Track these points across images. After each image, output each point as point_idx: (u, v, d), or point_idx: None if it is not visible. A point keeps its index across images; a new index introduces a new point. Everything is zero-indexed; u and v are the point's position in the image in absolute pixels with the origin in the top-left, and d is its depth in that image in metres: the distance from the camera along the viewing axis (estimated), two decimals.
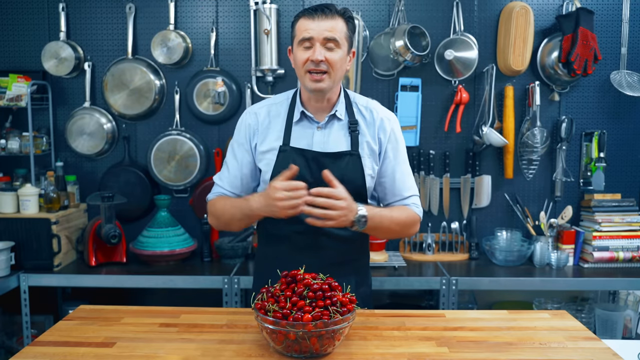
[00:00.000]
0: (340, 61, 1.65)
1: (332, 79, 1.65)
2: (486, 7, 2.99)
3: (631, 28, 2.98)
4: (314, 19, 1.62)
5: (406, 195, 1.77)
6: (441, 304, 2.62)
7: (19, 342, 2.92)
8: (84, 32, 3.07)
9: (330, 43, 1.62)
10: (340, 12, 1.66)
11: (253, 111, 1.80)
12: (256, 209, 1.62)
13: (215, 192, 1.82)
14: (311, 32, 1.62)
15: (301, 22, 1.65)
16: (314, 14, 1.63)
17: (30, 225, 2.71)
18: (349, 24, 1.68)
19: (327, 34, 1.61)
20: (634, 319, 2.85)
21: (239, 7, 3.02)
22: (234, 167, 1.78)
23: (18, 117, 3.07)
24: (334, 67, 1.64)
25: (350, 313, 1.34)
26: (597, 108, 3.04)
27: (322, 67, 1.62)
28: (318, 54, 1.61)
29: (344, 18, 1.66)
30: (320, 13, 1.62)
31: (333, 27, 1.62)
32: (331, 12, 1.63)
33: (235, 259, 2.86)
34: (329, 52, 1.62)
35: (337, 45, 1.63)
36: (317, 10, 1.63)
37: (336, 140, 1.72)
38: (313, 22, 1.62)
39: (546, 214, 2.94)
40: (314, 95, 1.69)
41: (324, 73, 1.63)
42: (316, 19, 1.62)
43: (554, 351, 1.41)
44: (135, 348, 1.41)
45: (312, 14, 1.63)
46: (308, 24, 1.63)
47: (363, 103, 1.78)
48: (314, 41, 1.62)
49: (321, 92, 1.67)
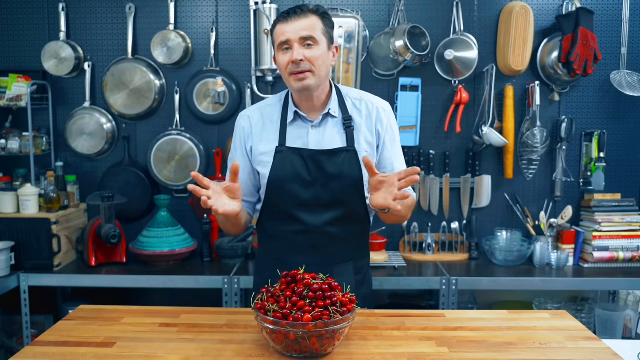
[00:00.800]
0: (321, 57, 1.65)
1: (316, 76, 1.65)
2: (486, 7, 2.99)
3: (631, 28, 2.98)
4: (288, 22, 1.64)
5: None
6: (441, 304, 2.62)
7: (19, 342, 2.92)
8: (84, 32, 3.07)
9: (308, 41, 1.63)
10: (314, 9, 1.66)
11: (246, 114, 1.80)
12: None
13: None
14: (287, 34, 1.63)
15: (278, 28, 1.66)
16: (287, 17, 1.64)
17: (30, 225, 2.71)
18: (325, 20, 1.68)
19: (302, 33, 1.62)
20: (634, 319, 2.85)
21: (239, 7, 3.02)
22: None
23: (18, 117, 3.07)
24: (316, 64, 1.64)
25: (350, 313, 1.34)
26: (597, 108, 3.04)
27: (303, 66, 1.62)
28: (297, 54, 1.61)
29: (318, 15, 1.66)
30: (293, 15, 1.64)
31: (308, 26, 1.63)
32: (303, 11, 1.64)
33: (235, 259, 2.86)
34: (308, 50, 1.63)
35: (315, 42, 1.63)
36: (289, 13, 1.64)
37: (331, 137, 1.73)
38: (287, 24, 1.64)
39: (546, 214, 2.94)
40: (302, 95, 1.69)
41: (307, 71, 1.63)
42: (290, 21, 1.63)
43: (554, 351, 1.41)
44: (135, 348, 1.42)
45: (285, 17, 1.65)
46: (283, 27, 1.64)
47: (356, 96, 1.78)
48: (291, 42, 1.63)
49: (308, 90, 1.66)
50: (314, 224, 1.71)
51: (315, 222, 1.71)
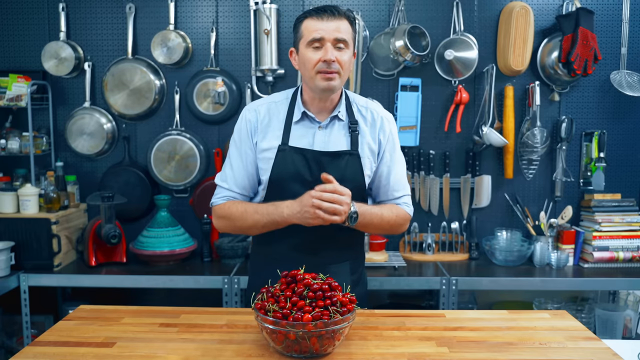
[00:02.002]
0: (348, 62, 1.66)
1: (341, 78, 1.66)
2: (486, 7, 2.99)
3: (631, 28, 2.98)
4: (322, 20, 1.62)
5: (398, 196, 1.79)
6: (441, 304, 2.62)
7: (19, 342, 2.92)
8: (84, 32, 3.07)
9: (340, 43, 1.63)
10: (347, 13, 1.67)
11: (253, 108, 1.78)
12: (287, 215, 1.61)
13: (222, 196, 1.76)
14: (321, 32, 1.61)
15: (309, 23, 1.64)
16: (322, 14, 1.63)
17: (30, 225, 2.71)
18: (354, 26, 1.69)
19: (337, 35, 1.62)
20: (634, 319, 2.85)
21: (239, 7, 3.02)
22: (239, 166, 1.75)
23: (18, 117, 3.07)
24: (344, 68, 1.65)
25: (350, 313, 1.34)
26: (597, 108, 3.04)
27: (333, 67, 1.62)
28: (331, 54, 1.61)
29: (349, 20, 1.67)
30: (328, 14, 1.63)
31: (342, 28, 1.63)
32: (338, 13, 1.64)
33: (235, 259, 2.86)
34: (339, 52, 1.63)
35: (346, 46, 1.64)
36: (325, 11, 1.63)
37: (337, 140, 1.73)
38: (322, 22, 1.62)
39: (546, 214, 2.94)
40: (323, 95, 1.69)
41: (336, 73, 1.63)
42: (324, 20, 1.62)
43: (554, 351, 1.41)
44: (135, 348, 1.41)
45: (320, 14, 1.63)
46: (317, 24, 1.62)
47: (363, 104, 1.79)
48: (325, 41, 1.62)
49: (331, 91, 1.67)
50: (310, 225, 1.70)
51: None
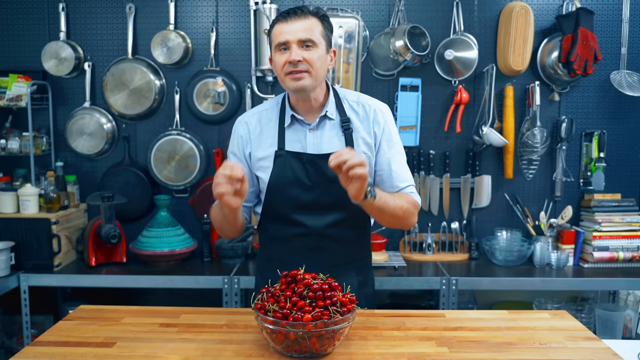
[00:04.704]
0: (318, 60, 1.63)
1: (312, 77, 1.63)
2: (486, 7, 2.99)
3: (631, 28, 2.98)
4: (287, 22, 1.62)
5: (402, 186, 1.75)
6: (441, 304, 2.62)
7: (19, 342, 2.92)
8: (84, 32, 3.07)
9: (306, 43, 1.61)
10: (314, 11, 1.65)
11: (244, 120, 1.79)
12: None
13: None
14: (286, 35, 1.61)
15: (276, 28, 1.64)
16: (287, 17, 1.62)
17: (30, 225, 2.71)
18: (324, 23, 1.67)
19: (301, 35, 1.60)
20: (634, 319, 2.85)
21: (239, 7, 3.02)
22: None
23: (18, 117, 3.07)
24: (313, 66, 1.62)
25: (350, 313, 1.34)
26: (597, 108, 3.04)
27: (300, 67, 1.61)
28: (295, 54, 1.60)
29: (317, 17, 1.65)
30: (292, 15, 1.62)
31: (307, 28, 1.61)
32: (304, 12, 1.63)
33: (235, 259, 2.86)
34: (306, 52, 1.61)
35: (314, 45, 1.62)
36: (289, 13, 1.63)
37: (329, 140, 1.72)
38: (287, 25, 1.62)
39: (546, 214, 2.94)
40: (298, 95, 1.68)
41: (304, 72, 1.62)
42: (289, 22, 1.62)
43: (554, 351, 1.41)
44: (135, 348, 1.42)
45: (285, 18, 1.63)
46: (282, 27, 1.62)
47: (354, 99, 1.77)
48: (290, 44, 1.61)
49: (303, 90, 1.65)
50: (315, 227, 1.71)
51: (316, 225, 1.71)
